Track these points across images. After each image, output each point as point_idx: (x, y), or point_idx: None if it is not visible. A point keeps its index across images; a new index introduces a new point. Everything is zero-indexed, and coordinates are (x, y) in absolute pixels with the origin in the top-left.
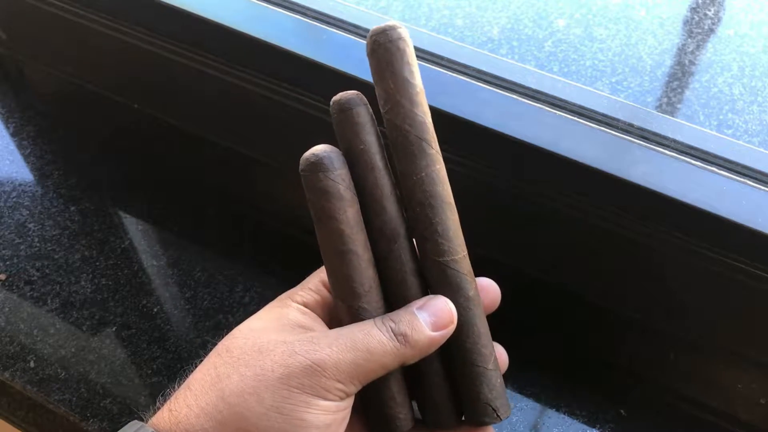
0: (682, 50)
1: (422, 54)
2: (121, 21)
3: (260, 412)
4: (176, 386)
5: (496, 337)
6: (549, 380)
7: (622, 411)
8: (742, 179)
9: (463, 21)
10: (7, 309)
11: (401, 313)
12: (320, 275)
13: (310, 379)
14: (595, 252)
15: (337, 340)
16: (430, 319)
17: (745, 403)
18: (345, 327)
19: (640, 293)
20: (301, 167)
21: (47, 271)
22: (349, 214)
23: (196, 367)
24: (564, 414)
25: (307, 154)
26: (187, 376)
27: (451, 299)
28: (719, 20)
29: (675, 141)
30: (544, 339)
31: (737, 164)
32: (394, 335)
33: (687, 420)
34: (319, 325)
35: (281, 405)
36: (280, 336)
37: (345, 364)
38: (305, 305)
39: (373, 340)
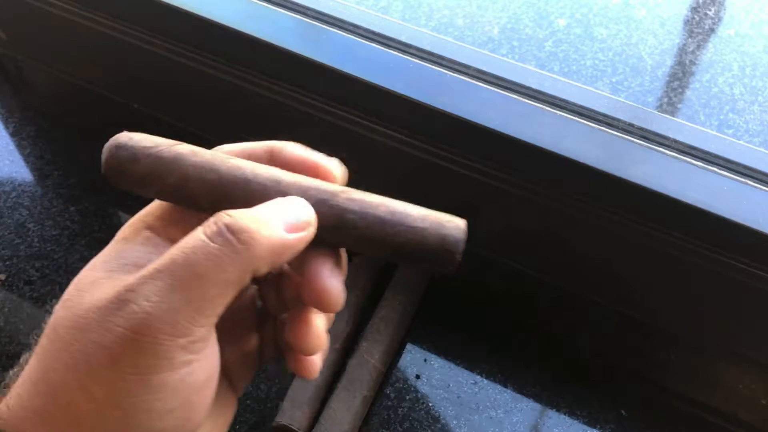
0: (682, 50)
1: (423, 54)
2: (121, 21)
3: (94, 411)
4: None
5: (497, 336)
6: (549, 380)
7: (622, 411)
8: (742, 179)
9: (464, 21)
10: (6, 309)
11: (243, 210)
12: None
13: (139, 354)
14: (596, 252)
15: (155, 279)
16: (282, 216)
17: (746, 404)
18: (165, 253)
19: (640, 293)
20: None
21: (47, 271)
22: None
23: None
24: (564, 414)
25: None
26: None
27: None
28: (720, 20)
29: (675, 141)
30: (544, 339)
31: (738, 164)
32: (231, 234)
33: (688, 420)
34: None
35: (118, 399)
36: (103, 294)
37: (176, 312)
38: (160, 229)
39: (198, 254)
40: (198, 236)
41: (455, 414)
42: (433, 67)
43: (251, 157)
